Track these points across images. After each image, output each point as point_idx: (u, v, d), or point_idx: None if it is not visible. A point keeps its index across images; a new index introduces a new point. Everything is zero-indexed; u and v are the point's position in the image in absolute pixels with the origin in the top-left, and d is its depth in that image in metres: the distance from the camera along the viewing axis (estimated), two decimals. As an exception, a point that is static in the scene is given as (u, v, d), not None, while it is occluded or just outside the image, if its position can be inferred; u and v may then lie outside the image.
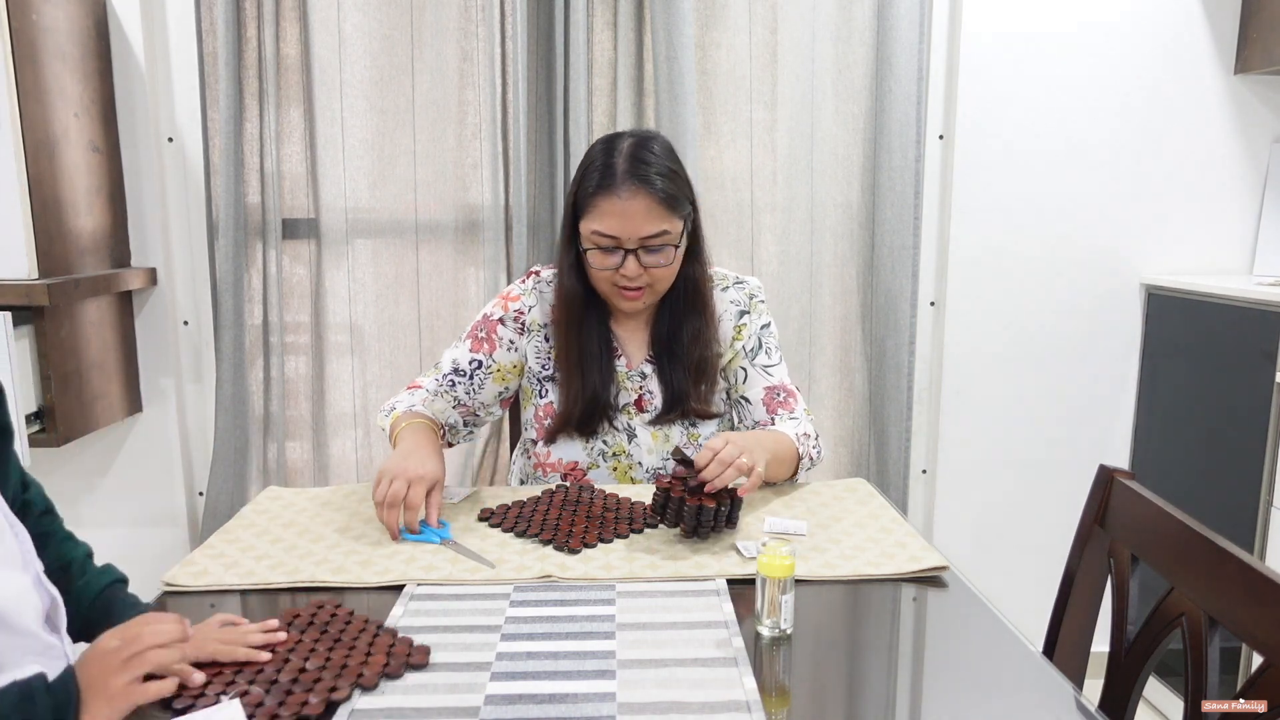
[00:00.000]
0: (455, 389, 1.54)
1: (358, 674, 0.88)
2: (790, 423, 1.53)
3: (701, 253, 1.53)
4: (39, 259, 1.86)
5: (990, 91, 2.26)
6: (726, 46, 2.24)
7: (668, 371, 1.52)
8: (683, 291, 1.51)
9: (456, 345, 1.56)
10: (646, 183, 1.38)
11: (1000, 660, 0.99)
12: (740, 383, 1.57)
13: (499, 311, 1.55)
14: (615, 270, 1.42)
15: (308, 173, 2.25)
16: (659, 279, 1.45)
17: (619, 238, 1.39)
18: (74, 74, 1.99)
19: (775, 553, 0.99)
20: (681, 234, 1.44)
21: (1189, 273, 2.32)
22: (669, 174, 1.41)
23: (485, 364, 1.54)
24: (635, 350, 1.56)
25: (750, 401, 1.56)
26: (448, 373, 1.54)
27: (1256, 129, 2.31)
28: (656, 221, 1.39)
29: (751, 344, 1.56)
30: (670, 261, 1.44)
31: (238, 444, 2.26)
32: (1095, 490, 1.20)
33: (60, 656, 0.90)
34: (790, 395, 1.57)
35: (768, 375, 1.56)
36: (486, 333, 1.54)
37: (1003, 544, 2.43)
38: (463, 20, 2.20)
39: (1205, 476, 2.15)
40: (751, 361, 1.56)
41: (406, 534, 1.27)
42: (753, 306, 1.58)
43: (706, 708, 0.85)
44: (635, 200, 1.38)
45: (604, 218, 1.39)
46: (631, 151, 1.40)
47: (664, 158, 1.43)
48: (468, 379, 1.54)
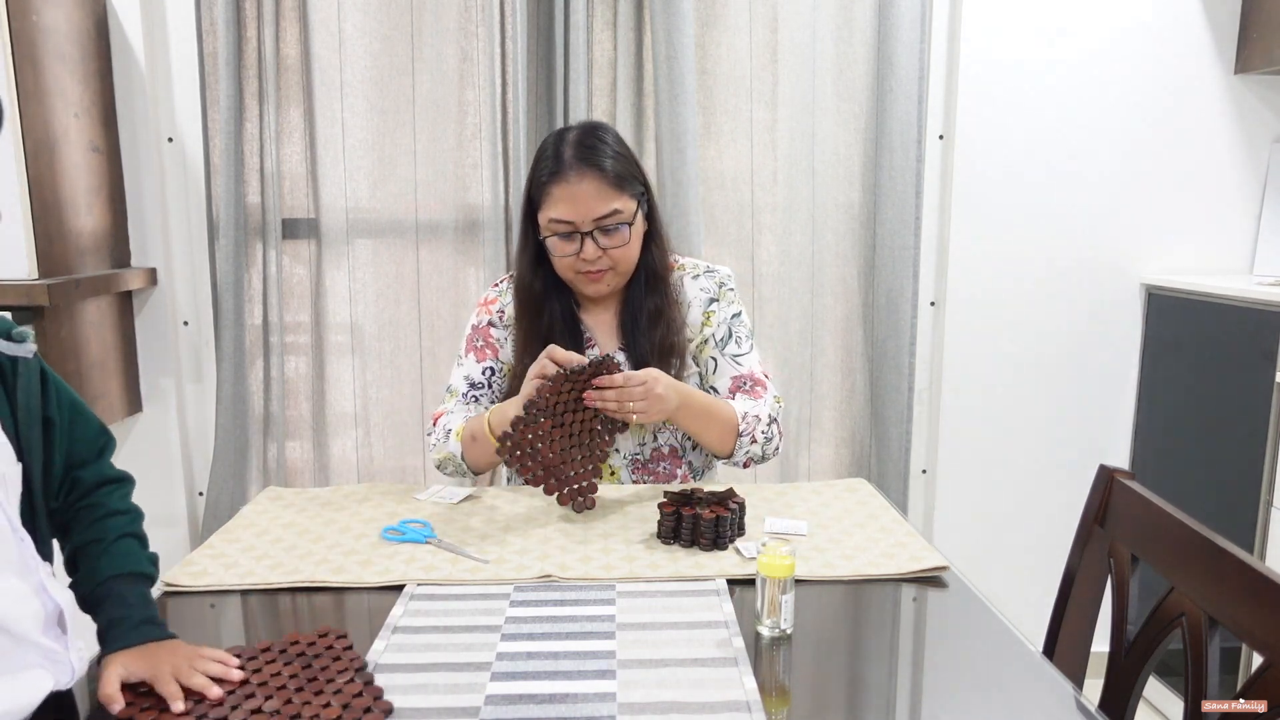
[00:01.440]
0: (480, 402, 1.57)
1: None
2: (745, 401, 1.54)
3: (659, 237, 1.57)
4: (39, 259, 1.86)
5: (990, 91, 2.26)
6: (726, 46, 2.24)
7: (637, 354, 1.54)
8: (643, 274, 1.55)
9: (460, 364, 1.59)
10: (593, 165, 1.44)
11: (1000, 660, 0.99)
12: (710, 373, 1.58)
13: (485, 317, 1.60)
14: (576, 256, 1.46)
15: (308, 173, 2.25)
16: (619, 260, 1.48)
17: (573, 221, 1.44)
18: (74, 74, 1.99)
19: (775, 553, 0.99)
20: (635, 213, 1.48)
21: (1189, 273, 2.32)
22: (616, 155, 1.47)
23: (496, 369, 1.59)
24: (606, 338, 1.59)
25: (718, 391, 1.57)
26: (466, 391, 1.57)
27: (1256, 129, 2.31)
28: (607, 200, 1.44)
29: (721, 333, 1.58)
30: (626, 241, 1.47)
31: (238, 444, 2.26)
32: (1095, 490, 1.20)
33: (63, 662, 0.89)
34: (758, 384, 1.56)
35: (736, 365, 1.57)
36: (483, 341, 1.59)
37: (1003, 544, 2.43)
38: (463, 20, 2.20)
39: (1205, 476, 2.15)
40: (722, 351, 1.57)
41: (387, 534, 1.27)
42: (721, 294, 1.60)
43: (706, 708, 0.85)
44: (584, 183, 1.43)
45: (557, 204, 1.45)
46: (578, 139, 1.47)
47: (611, 143, 1.48)
48: (487, 388, 1.58)
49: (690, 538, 1.23)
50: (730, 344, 1.57)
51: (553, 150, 1.47)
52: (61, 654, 0.89)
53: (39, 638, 0.87)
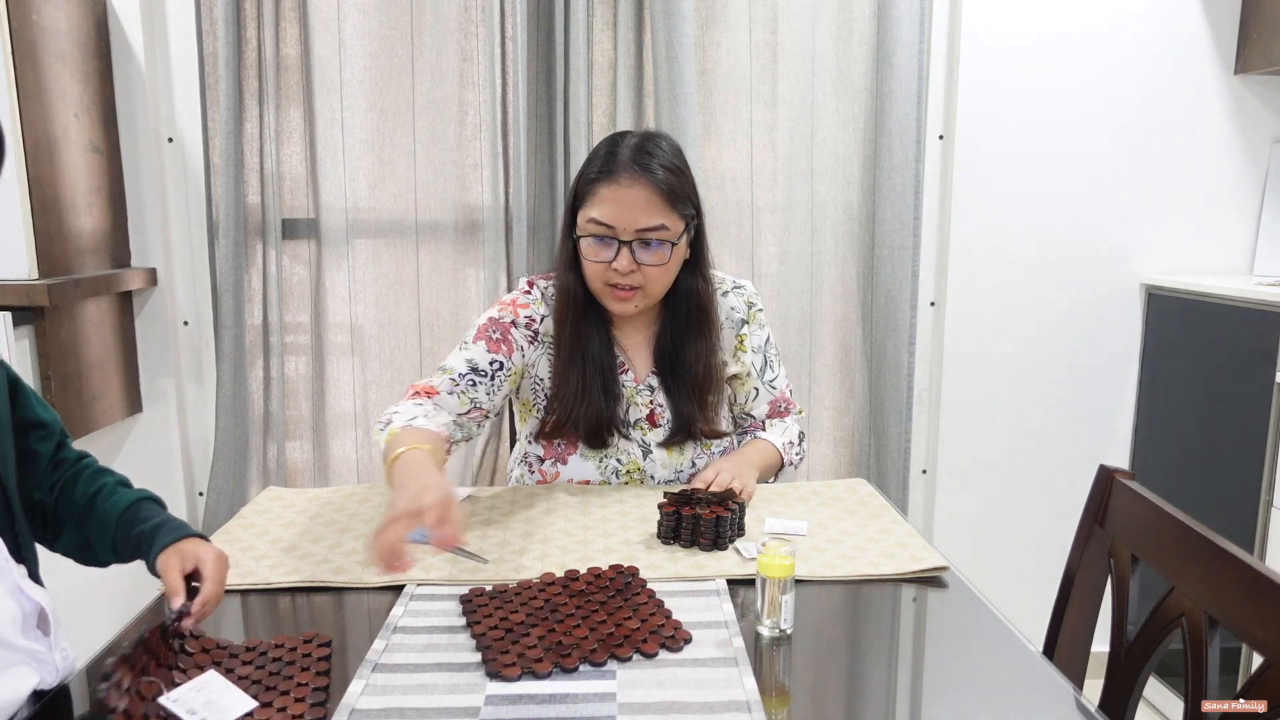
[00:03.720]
0: (476, 389, 1.42)
1: None
2: (778, 429, 1.59)
3: (704, 266, 1.49)
4: (39, 259, 1.86)
5: (990, 91, 2.26)
6: (726, 46, 2.24)
7: (673, 391, 1.49)
8: (685, 306, 1.47)
9: (466, 347, 1.45)
10: (648, 171, 1.35)
11: (1000, 660, 0.99)
12: (751, 401, 1.60)
13: (509, 315, 1.48)
14: (608, 265, 1.38)
15: (308, 173, 2.25)
16: (651, 280, 1.40)
17: (614, 227, 1.36)
18: (74, 74, 1.99)
19: (775, 553, 0.99)
20: (681, 235, 1.40)
21: (1189, 273, 2.32)
22: (673, 169, 1.38)
23: (506, 365, 1.45)
24: (640, 364, 1.53)
25: (754, 416, 1.61)
26: (465, 373, 1.42)
27: (1256, 129, 2.31)
28: (655, 214, 1.36)
29: (760, 361, 1.57)
30: (665, 261, 1.39)
31: (238, 444, 2.26)
32: (1095, 490, 1.20)
33: (47, 661, 0.89)
34: (789, 404, 1.62)
35: (773, 390, 1.60)
36: (501, 334, 1.46)
37: (1003, 544, 2.43)
38: (463, 20, 2.20)
39: (1205, 476, 2.15)
40: (762, 379, 1.58)
41: None
42: (751, 316, 1.56)
43: (706, 708, 0.85)
44: (634, 188, 1.35)
45: (602, 204, 1.36)
46: (638, 144, 1.39)
47: (670, 154, 1.40)
48: (489, 379, 1.43)
49: (690, 538, 1.23)
50: (767, 370, 1.58)
51: (607, 149, 1.39)
52: (45, 654, 0.89)
53: (18, 639, 0.87)
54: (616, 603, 1.04)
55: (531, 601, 1.04)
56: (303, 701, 0.85)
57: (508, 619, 1.00)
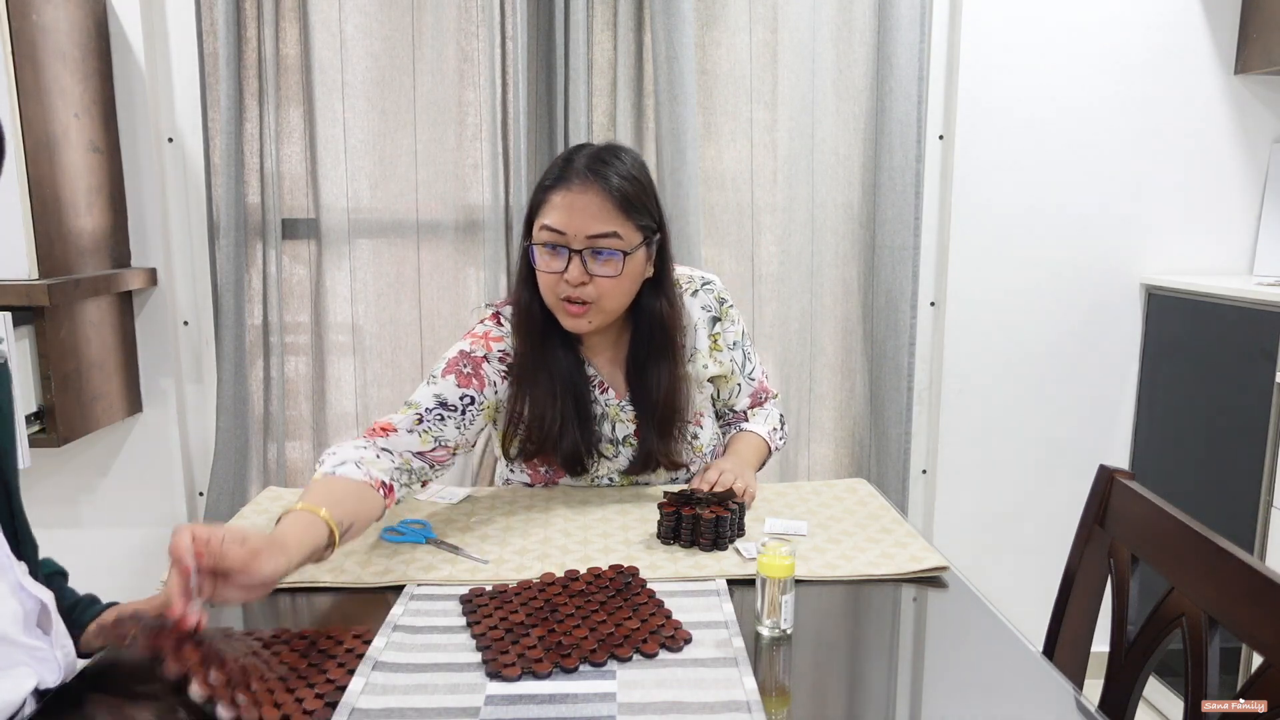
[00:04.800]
0: (444, 424, 1.35)
1: None
2: (760, 418, 1.62)
3: (668, 287, 1.43)
4: (39, 259, 1.86)
5: (990, 91, 2.26)
6: (726, 46, 2.24)
7: (641, 415, 1.46)
8: (648, 328, 1.42)
9: (435, 382, 1.38)
10: (601, 178, 1.32)
11: (1000, 660, 0.99)
12: (734, 396, 1.61)
13: (481, 349, 1.42)
14: (560, 276, 1.33)
15: (308, 173, 2.25)
16: (605, 293, 1.34)
17: (565, 233, 1.31)
18: (74, 74, 1.99)
19: (775, 553, 0.99)
20: (638, 246, 1.35)
21: (1189, 273, 2.32)
22: (630, 179, 1.34)
23: (477, 400, 1.39)
24: (618, 382, 1.48)
25: (736, 410, 1.63)
26: (431, 408, 1.35)
27: (1256, 129, 2.31)
28: (606, 220, 1.31)
29: (739, 356, 1.57)
30: (617, 273, 1.33)
31: (238, 444, 2.26)
32: (1095, 490, 1.20)
33: (48, 659, 0.90)
34: (767, 392, 1.65)
35: (752, 381, 1.61)
36: (473, 368, 1.39)
37: (1003, 544, 2.43)
38: (463, 20, 2.20)
39: (1205, 476, 2.15)
40: (743, 373, 1.59)
41: (387, 534, 1.27)
42: (724, 313, 1.53)
43: (706, 708, 0.85)
44: (586, 194, 1.31)
45: (553, 210, 1.32)
46: (595, 153, 1.36)
47: (629, 166, 1.36)
48: (459, 414, 1.37)
49: (690, 538, 1.23)
50: (746, 364, 1.59)
51: (564, 158, 1.37)
52: (46, 651, 0.89)
53: (20, 637, 0.87)
54: (616, 603, 1.04)
55: (531, 601, 1.05)
56: (320, 699, 0.87)
57: (508, 619, 1.00)
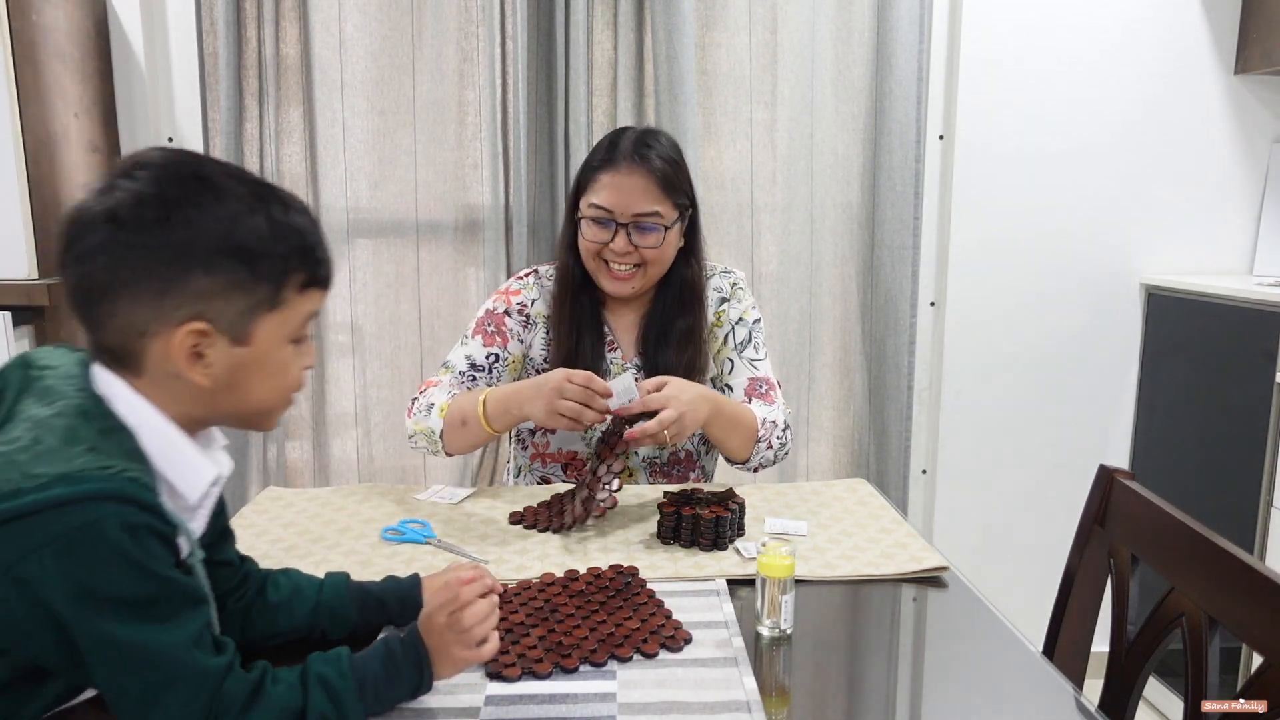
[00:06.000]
0: (476, 384, 1.54)
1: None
2: (762, 407, 1.55)
3: (698, 255, 1.58)
4: (39, 259, 1.86)
5: (990, 91, 2.26)
6: (726, 46, 2.24)
7: (651, 367, 1.54)
8: (677, 291, 1.55)
9: (465, 343, 1.56)
10: (646, 161, 1.46)
11: (1000, 660, 0.99)
12: (726, 373, 1.59)
13: (502, 305, 1.58)
14: (605, 245, 1.48)
15: (308, 173, 2.25)
16: (650, 260, 1.49)
17: (613, 211, 1.46)
18: (74, 74, 1.99)
19: (775, 553, 0.99)
20: (675, 221, 1.50)
21: (1189, 273, 2.32)
22: (670, 161, 1.49)
23: (502, 357, 1.55)
24: (628, 344, 1.59)
25: (732, 389, 1.58)
26: (464, 370, 1.53)
27: (1256, 129, 2.31)
28: (650, 200, 1.46)
29: (742, 335, 1.58)
30: (659, 244, 1.48)
31: (238, 444, 2.26)
32: (1095, 490, 1.20)
33: None
34: (771, 388, 1.59)
35: (754, 369, 1.58)
36: (495, 326, 1.56)
37: (1003, 544, 2.43)
38: (463, 20, 2.20)
39: (1205, 476, 2.15)
40: (740, 354, 1.58)
41: (387, 535, 1.27)
42: (733, 294, 1.61)
43: (706, 708, 0.85)
44: (633, 176, 1.46)
45: (602, 190, 1.47)
46: (638, 136, 1.50)
47: (668, 148, 1.51)
48: (487, 373, 1.55)
49: (690, 538, 1.23)
50: (749, 348, 1.59)
51: (610, 140, 1.51)
52: None
53: None
54: (616, 603, 1.04)
55: (531, 602, 1.05)
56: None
57: (508, 619, 1.00)
